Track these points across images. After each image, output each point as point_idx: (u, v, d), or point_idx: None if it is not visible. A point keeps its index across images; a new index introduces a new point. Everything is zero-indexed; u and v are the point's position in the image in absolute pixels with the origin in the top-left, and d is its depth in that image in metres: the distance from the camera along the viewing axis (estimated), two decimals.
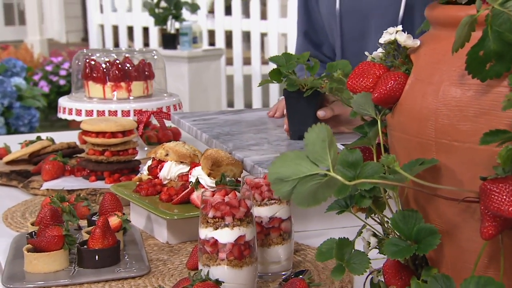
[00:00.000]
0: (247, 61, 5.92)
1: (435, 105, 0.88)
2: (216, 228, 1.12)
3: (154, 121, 2.08)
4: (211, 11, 6.19)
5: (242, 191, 1.16)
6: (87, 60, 2.06)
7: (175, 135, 2.11)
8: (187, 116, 1.88)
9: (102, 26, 6.73)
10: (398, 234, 0.92)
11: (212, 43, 6.05)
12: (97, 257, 1.26)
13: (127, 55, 2.06)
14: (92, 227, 1.34)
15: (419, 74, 0.93)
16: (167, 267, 1.29)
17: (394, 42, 1.00)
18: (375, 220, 1.01)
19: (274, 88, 5.65)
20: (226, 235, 1.12)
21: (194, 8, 5.67)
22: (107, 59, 2.03)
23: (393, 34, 1.00)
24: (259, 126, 1.75)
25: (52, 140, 1.96)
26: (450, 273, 0.90)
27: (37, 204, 1.64)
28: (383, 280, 1.00)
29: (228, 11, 5.98)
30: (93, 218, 1.41)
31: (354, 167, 0.90)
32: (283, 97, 1.96)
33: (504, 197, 0.76)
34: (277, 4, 5.56)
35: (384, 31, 1.00)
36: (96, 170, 1.72)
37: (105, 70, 2.00)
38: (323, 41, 2.05)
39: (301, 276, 1.15)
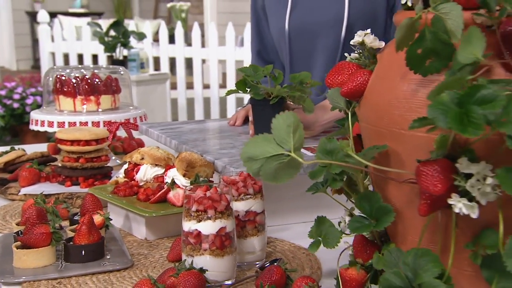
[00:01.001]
0: (189, 86, 5.89)
1: (388, 98, 0.90)
2: (199, 221, 1.11)
3: (120, 133, 2.05)
4: (156, 40, 6.15)
5: (221, 187, 1.15)
6: (58, 76, 2.01)
7: (139, 145, 2.08)
8: (154, 126, 1.86)
9: (53, 54, 6.60)
10: (361, 212, 0.96)
11: (157, 68, 6.00)
12: (83, 252, 1.23)
13: (95, 71, 2.02)
14: (75, 225, 1.31)
15: (379, 72, 0.96)
16: (148, 260, 1.26)
17: (363, 43, 1.02)
18: (352, 202, 1.02)
19: (215, 109, 5.64)
20: (208, 227, 1.11)
21: (140, 37, 5.62)
22: (77, 75, 1.99)
23: (361, 36, 1.02)
24: (223, 133, 1.74)
25: (24, 150, 1.91)
26: (403, 247, 0.92)
27: (16, 208, 1.59)
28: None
29: (171, 39, 5.95)
30: (75, 218, 1.38)
31: (331, 154, 0.93)
32: (240, 108, 1.96)
33: (432, 177, 0.78)
34: (216, 34, 5.57)
35: (356, 34, 1.02)
36: (71, 176, 1.68)
37: (75, 85, 1.96)
38: (274, 60, 2.05)
39: (276, 264, 1.14)
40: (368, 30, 1.02)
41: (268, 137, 0.89)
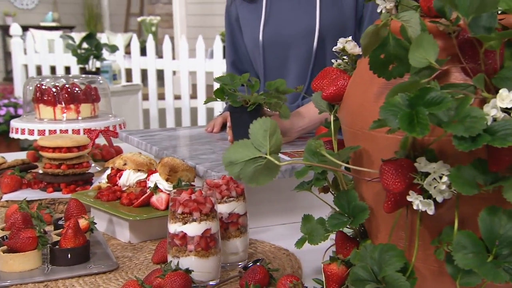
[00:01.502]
0: (161, 96, 5.86)
1: (361, 101, 0.92)
2: (185, 223, 1.10)
3: (99, 140, 2.02)
4: (128, 52, 6.10)
5: (205, 190, 1.14)
6: (38, 86, 1.98)
7: (118, 153, 2.06)
8: (133, 133, 1.84)
9: (26, 66, 6.50)
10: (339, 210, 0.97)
11: (129, 80, 5.95)
12: (69, 255, 1.21)
13: (74, 80, 2.00)
14: (60, 229, 1.29)
15: (356, 76, 0.97)
16: (133, 262, 1.24)
17: (344, 49, 1.03)
18: None
19: (186, 119, 5.61)
20: (194, 229, 1.10)
21: (113, 49, 5.57)
22: (56, 84, 1.96)
23: (343, 43, 1.03)
24: (201, 140, 1.72)
25: (4, 158, 1.87)
26: (376, 242, 0.94)
27: None
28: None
29: (143, 52, 5.92)
30: (59, 222, 1.35)
31: (316, 155, 0.94)
32: (217, 115, 1.96)
33: (392, 175, 0.80)
34: (186, 47, 5.55)
35: (338, 41, 1.03)
36: (53, 182, 1.65)
37: (55, 94, 1.93)
38: (248, 69, 2.05)
39: (258, 264, 1.14)
40: (350, 37, 1.03)
41: (246, 142, 0.91)
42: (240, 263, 1.21)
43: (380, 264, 0.86)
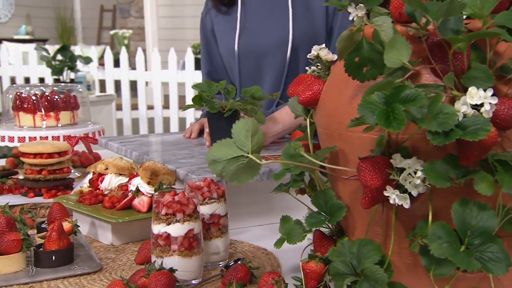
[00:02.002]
0: (134, 107, 5.84)
1: (336, 103, 0.93)
2: (169, 224, 1.10)
3: (79, 147, 2.01)
4: (101, 64, 6.07)
5: (187, 192, 1.15)
6: (18, 94, 1.96)
7: (96, 159, 2.04)
8: (113, 139, 1.83)
9: (0, 78, 6.42)
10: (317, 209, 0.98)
11: (103, 91, 5.91)
12: (53, 257, 1.20)
13: (54, 88, 1.99)
14: (44, 232, 1.28)
15: (330, 81, 0.99)
16: (116, 263, 1.24)
17: (318, 56, 1.04)
18: None
19: (159, 129, 5.60)
20: (177, 229, 1.10)
21: (87, 61, 5.52)
22: (36, 92, 1.94)
23: (317, 51, 1.04)
24: (180, 145, 1.72)
25: None
26: (353, 239, 0.95)
27: None
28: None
29: (116, 64, 5.89)
30: (42, 226, 1.34)
31: (294, 157, 0.96)
32: (194, 122, 1.96)
33: (369, 171, 0.82)
34: (158, 58, 5.54)
35: (312, 49, 1.05)
36: (34, 188, 1.63)
37: (35, 101, 1.92)
38: (224, 79, 2.04)
39: (239, 262, 1.15)
40: (323, 45, 1.04)
41: (229, 141, 0.91)
42: (221, 263, 1.22)
43: (359, 258, 0.87)
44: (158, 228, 1.11)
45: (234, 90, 1.55)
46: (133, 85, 5.84)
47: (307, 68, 1.08)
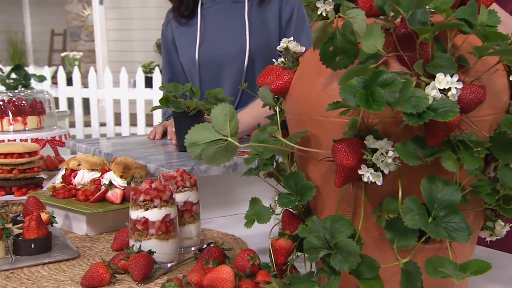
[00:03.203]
0: (87, 124, 5.71)
1: (308, 91, 0.93)
2: (147, 209, 1.07)
3: (44, 151, 1.94)
4: (54, 83, 5.92)
5: (162, 180, 1.12)
6: None
7: (60, 162, 1.98)
8: (80, 141, 1.78)
9: None
10: (288, 190, 0.97)
11: (56, 108, 5.76)
12: (33, 245, 1.15)
13: (21, 94, 1.92)
14: (20, 224, 1.23)
15: (301, 70, 0.99)
16: (93, 251, 1.19)
17: (287, 48, 1.04)
18: (281, 185, 1.03)
19: None
20: (155, 214, 1.07)
21: (41, 79, 5.37)
22: (3, 98, 1.87)
23: (286, 43, 1.04)
24: (146, 145, 1.69)
25: None
26: (322, 217, 0.94)
27: None
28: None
29: (69, 83, 5.76)
30: (18, 218, 1.28)
31: (262, 142, 0.96)
32: (157, 124, 1.93)
33: (345, 152, 0.82)
34: (110, 77, 5.46)
35: (281, 41, 1.04)
36: (5, 186, 1.56)
37: (2, 107, 1.84)
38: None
39: (212, 245, 1.13)
40: (291, 38, 1.04)
41: (208, 125, 0.89)
42: (193, 248, 1.19)
43: (332, 233, 0.87)
44: (136, 214, 1.08)
45: (198, 91, 1.54)
46: (86, 103, 5.71)
47: (274, 60, 1.08)
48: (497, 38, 0.81)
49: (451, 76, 0.78)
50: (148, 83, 5.47)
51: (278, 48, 1.06)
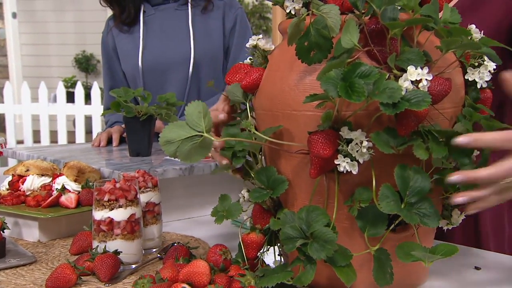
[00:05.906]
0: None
1: (281, 86, 0.96)
2: (112, 209, 1.06)
3: None
4: None
5: (127, 180, 1.11)
6: None
7: None
8: (19, 149, 1.71)
9: None
10: (259, 184, 0.98)
11: None
12: None
13: None
14: None
15: (271, 67, 1.01)
16: (50, 256, 1.16)
17: (256, 46, 1.06)
18: (252, 182, 1.04)
19: None
20: (120, 214, 1.06)
21: None
22: None
23: (255, 41, 1.06)
24: (92, 152, 1.65)
25: None
26: (294, 210, 0.97)
27: None
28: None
29: None
30: None
31: (234, 136, 0.98)
32: (101, 131, 1.89)
33: (321, 143, 0.85)
34: (29, 92, 5.26)
35: (250, 38, 1.06)
36: None
37: None
38: None
39: (175, 244, 1.13)
40: (260, 35, 1.07)
41: (181, 123, 0.89)
42: (154, 249, 1.18)
43: (308, 222, 0.89)
44: (101, 214, 1.06)
45: (150, 96, 1.53)
46: (1, 118, 5.47)
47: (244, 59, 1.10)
48: (461, 33, 0.87)
49: (422, 69, 0.83)
50: (70, 97, 5.32)
51: (247, 45, 1.07)
